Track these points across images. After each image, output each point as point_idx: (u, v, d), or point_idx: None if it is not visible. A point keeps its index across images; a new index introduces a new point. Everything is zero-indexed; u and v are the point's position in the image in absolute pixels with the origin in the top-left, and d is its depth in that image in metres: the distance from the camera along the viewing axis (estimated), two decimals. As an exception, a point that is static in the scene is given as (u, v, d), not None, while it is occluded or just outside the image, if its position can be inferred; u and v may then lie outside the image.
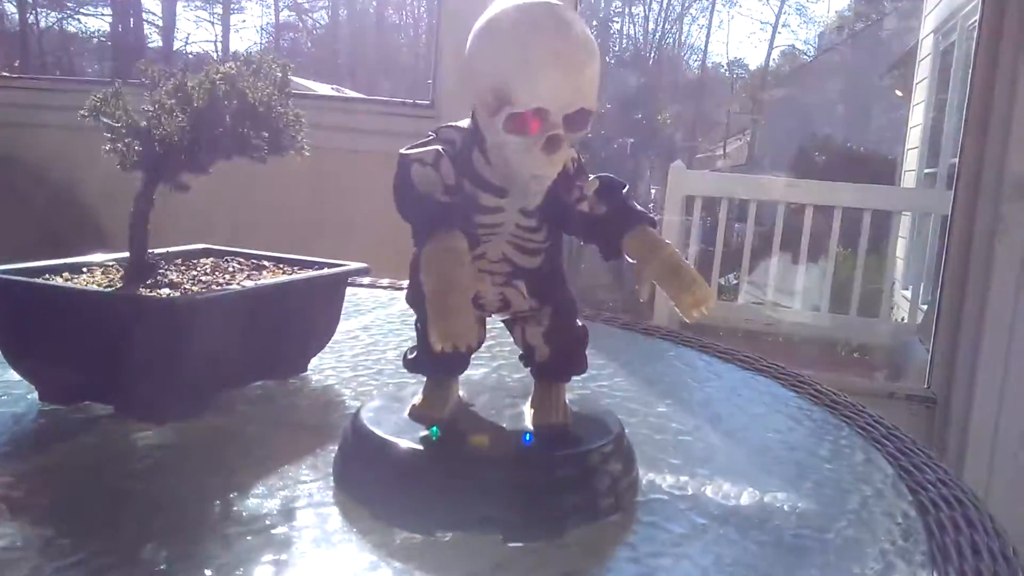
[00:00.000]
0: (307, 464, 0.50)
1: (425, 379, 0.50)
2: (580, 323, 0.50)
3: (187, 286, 0.57)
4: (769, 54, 11.63)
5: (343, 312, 0.70)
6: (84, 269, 0.61)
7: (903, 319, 4.55)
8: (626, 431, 0.48)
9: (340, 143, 1.73)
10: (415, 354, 0.50)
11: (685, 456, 0.56)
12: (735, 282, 4.70)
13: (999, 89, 1.61)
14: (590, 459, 0.44)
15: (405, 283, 1.10)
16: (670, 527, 0.45)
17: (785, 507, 0.48)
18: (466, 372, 0.51)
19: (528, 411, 0.49)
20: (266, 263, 0.67)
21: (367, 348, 0.78)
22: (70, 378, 0.56)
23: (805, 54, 11.66)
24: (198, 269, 0.62)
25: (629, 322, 0.96)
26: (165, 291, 0.56)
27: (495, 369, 0.71)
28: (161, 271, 0.59)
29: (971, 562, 0.42)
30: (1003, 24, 1.60)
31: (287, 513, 0.43)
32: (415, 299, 0.49)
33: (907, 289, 4.84)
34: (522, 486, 0.42)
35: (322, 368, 0.70)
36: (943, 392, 1.77)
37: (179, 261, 0.64)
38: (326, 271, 0.66)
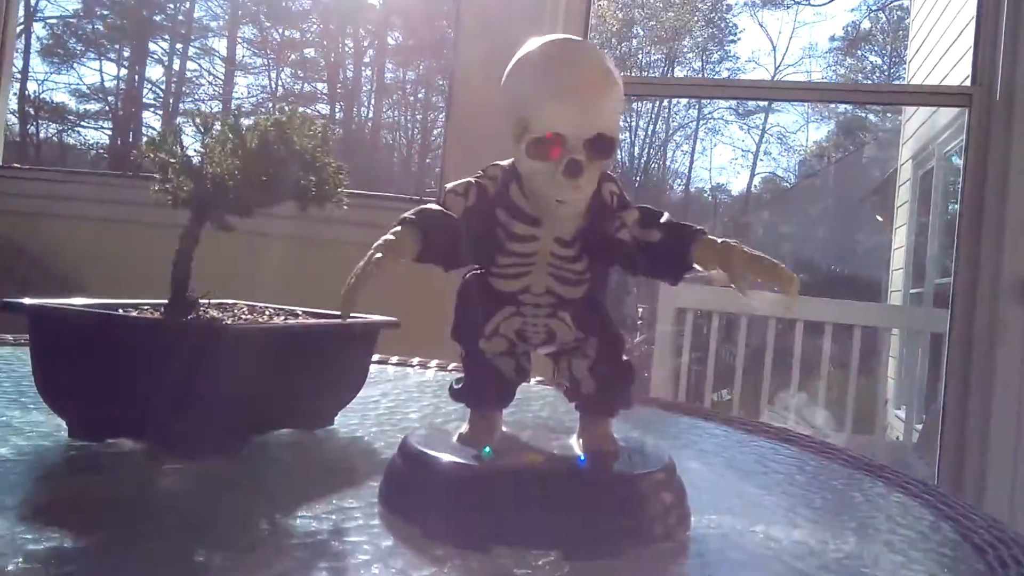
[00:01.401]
0: (351, 495, 0.49)
1: (470, 413, 0.50)
2: (625, 359, 0.50)
3: (228, 322, 0.57)
4: (751, 180, 12.02)
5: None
6: (120, 310, 0.61)
7: (898, 438, 4.53)
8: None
9: (350, 236, 1.76)
10: (461, 385, 0.50)
11: (727, 503, 0.55)
12: (728, 398, 4.68)
13: (989, 195, 1.67)
14: (644, 483, 0.44)
15: (415, 360, 1.10)
16: (721, 557, 0.44)
17: (831, 547, 0.47)
18: (508, 412, 0.50)
19: (575, 442, 0.48)
20: (299, 312, 0.67)
21: (389, 410, 0.77)
22: (103, 411, 0.55)
23: (786, 181, 12.06)
24: (236, 311, 0.63)
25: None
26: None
27: (538, 409, 0.70)
28: (202, 309, 0.59)
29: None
30: (990, 132, 1.67)
31: (338, 532, 0.42)
32: (459, 333, 0.49)
33: (900, 409, 4.84)
34: (579, 504, 0.41)
35: (347, 423, 0.69)
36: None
37: (216, 303, 0.64)
38: (360, 319, 0.66)
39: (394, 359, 1.10)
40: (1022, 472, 1.67)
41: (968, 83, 1.77)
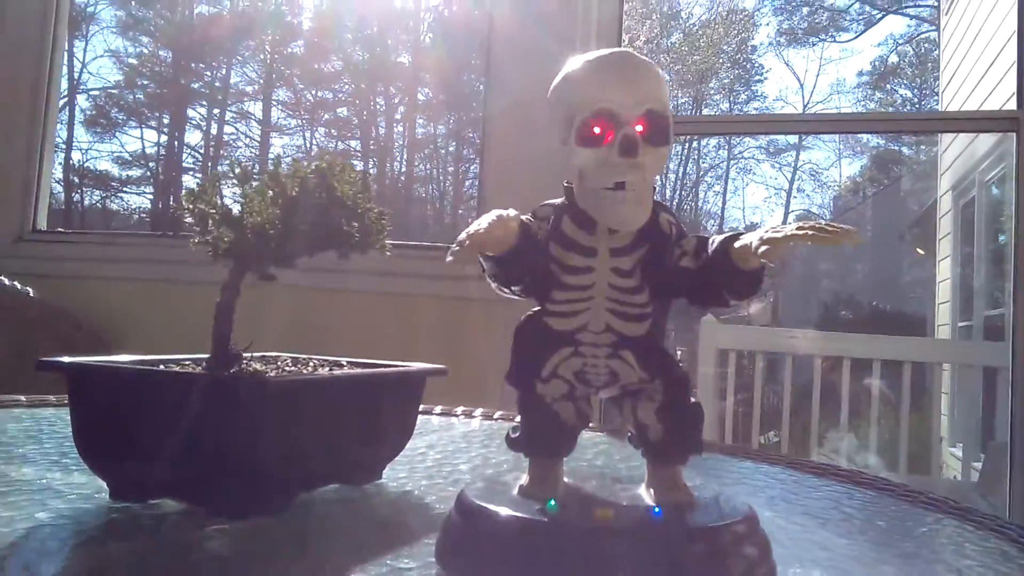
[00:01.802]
0: (404, 554, 0.45)
1: (528, 463, 0.47)
2: (694, 400, 0.47)
3: (271, 375, 0.55)
4: (785, 218, 11.92)
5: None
6: (161, 365, 0.59)
7: (955, 476, 4.36)
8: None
9: (390, 287, 1.75)
10: (518, 433, 0.47)
11: (810, 555, 0.50)
12: (776, 439, 4.56)
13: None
14: (725, 536, 0.40)
15: (459, 409, 1.07)
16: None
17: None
18: (570, 462, 0.47)
19: (645, 493, 0.45)
20: (344, 363, 0.65)
21: (437, 463, 0.74)
22: (144, 471, 0.53)
23: (821, 217, 11.93)
24: (279, 364, 0.60)
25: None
26: (250, 379, 0.53)
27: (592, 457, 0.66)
28: (244, 362, 0.57)
29: None
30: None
31: (394, 597, 0.39)
32: (515, 377, 0.47)
33: (955, 447, 4.67)
34: (655, 561, 0.38)
35: (396, 477, 0.66)
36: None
37: (260, 356, 0.62)
38: (406, 367, 0.64)
39: (437, 409, 1.07)
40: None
41: (1013, 106, 1.72)
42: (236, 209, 0.56)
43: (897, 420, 3.86)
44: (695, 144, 11.40)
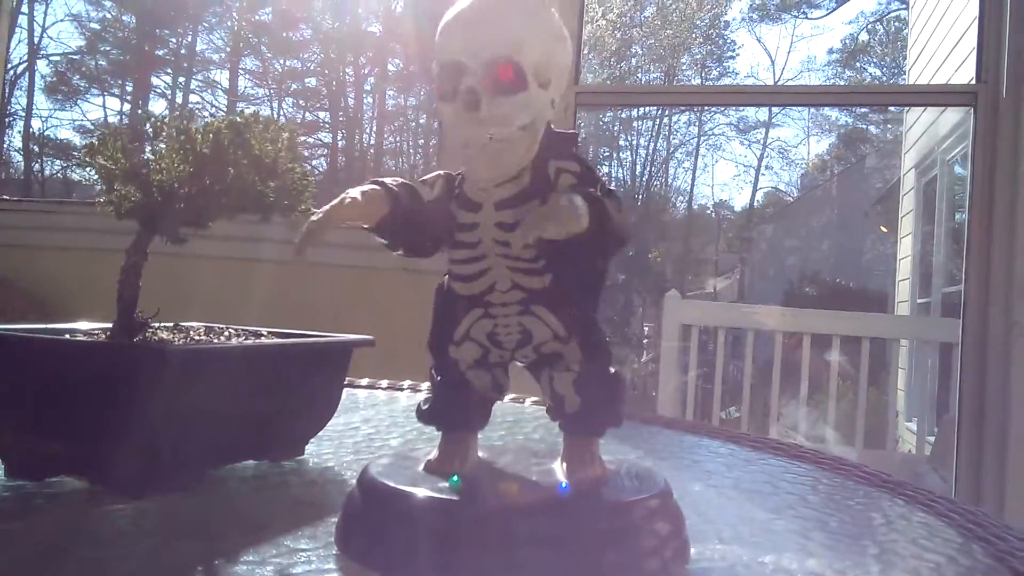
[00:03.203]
0: (306, 535, 0.43)
1: (440, 436, 0.45)
2: (614, 371, 0.45)
3: (174, 343, 0.52)
4: (754, 195, 11.99)
5: (340, 407, 0.64)
6: (66, 334, 0.56)
7: (910, 451, 4.44)
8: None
9: (343, 259, 1.71)
10: (429, 405, 0.45)
11: (733, 529, 0.49)
12: (736, 415, 4.60)
13: (999, 195, 1.61)
14: (634, 512, 0.38)
15: (406, 383, 1.05)
16: (731, 595, 0.38)
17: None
18: (487, 438, 0.45)
19: (559, 467, 0.43)
20: (263, 333, 0.62)
21: (368, 438, 0.72)
22: (42, 447, 0.50)
23: (788, 195, 12.03)
24: (190, 333, 0.57)
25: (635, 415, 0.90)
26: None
27: (531, 431, 0.65)
28: (151, 330, 0.54)
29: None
30: (997, 129, 1.62)
31: (282, 578, 0.37)
32: (432, 342, 0.44)
33: (911, 421, 4.75)
34: (559, 539, 0.36)
35: (320, 453, 0.63)
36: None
37: (171, 325, 0.59)
38: (328, 337, 0.61)
39: (384, 383, 1.04)
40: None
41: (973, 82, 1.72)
42: (143, 168, 0.53)
43: (855, 395, 3.91)
44: (666, 120, 11.40)
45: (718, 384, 4.02)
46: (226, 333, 0.59)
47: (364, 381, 1.01)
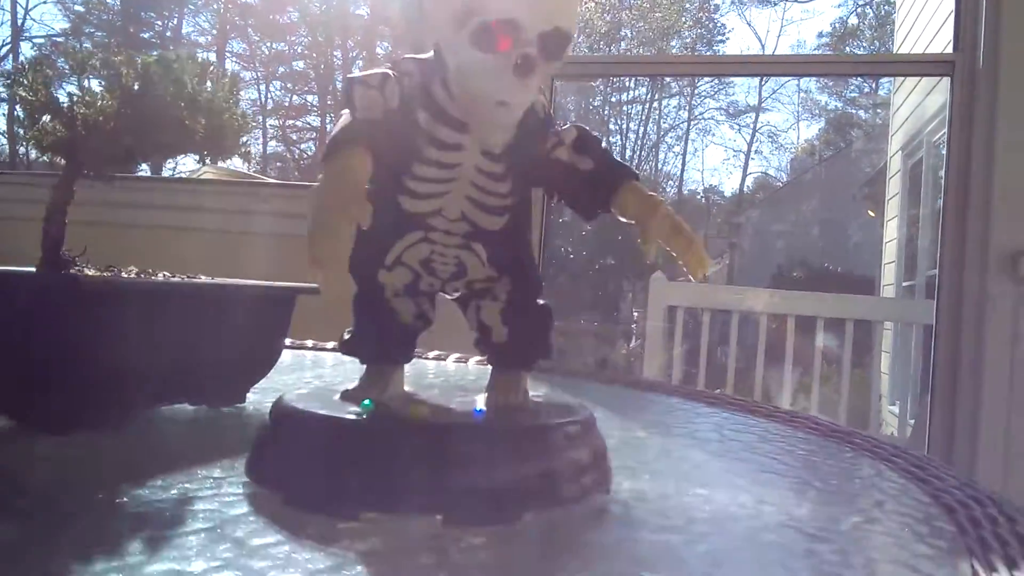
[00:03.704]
0: (223, 466, 0.42)
1: (364, 369, 0.43)
2: (542, 303, 0.44)
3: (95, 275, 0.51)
4: (743, 180, 11.99)
5: (290, 366, 0.63)
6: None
7: (893, 433, 4.45)
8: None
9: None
10: (351, 336, 0.44)
11: (669, 467, 0.48)
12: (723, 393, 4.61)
13: (975, 166, 1.60)
14: (551, 436, 0.37)
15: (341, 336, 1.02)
16: (646, 522, 0.37)
17: (788, 512, 0.41)
18: (423, 381, 0.44)
19: (482, 398, 0.42)
20: (201, 279, 0.61)
21: (316, 390, 0.70)
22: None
23: (778, 180, 12.03)
24: (121, 273, 0.56)
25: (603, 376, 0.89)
26: (76, 285, 0.49)
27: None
28: (76, 268, 0.52)
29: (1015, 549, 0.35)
30: (974, 99, 1.61)
31: (184, 501, 0.36)
32: (356, 264, 0.43)
33: (894, 404, 4.77)
34: (466, 460, 0.35)
35: (262, 402, 0.62)
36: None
37: (100, 268, 0.58)
38: (268, 283, 0.60)
39: (330, 344, 1.02)
40: (1014, 456, 1.61)
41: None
42: (66, 101, 0.51)
43: (840, 378, 3.92)
44: (655, 105, 11.37)
45: (703, 366, 4.02)
46: (160, 276, 0.58)
47: (309, 343, 0.99)
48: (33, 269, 0.53)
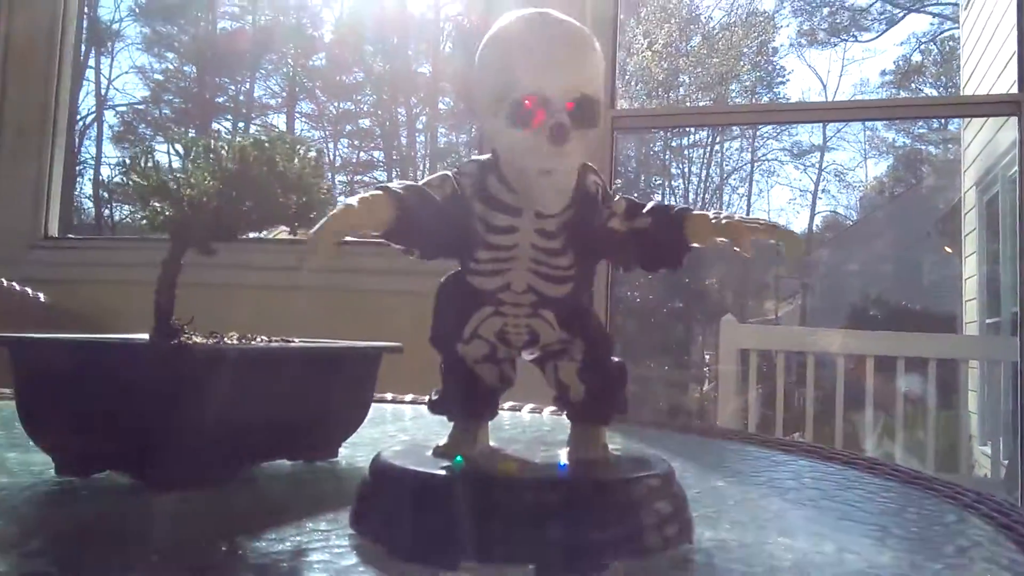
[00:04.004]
0: (327, 519, 0.45)
1: (452, 426, 0.46)
2: (617, 360, 0.46)
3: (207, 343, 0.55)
4: (812, 219, 11.78)
5: (375, 419, 0.67)
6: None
7: (986, 475, 4.27)
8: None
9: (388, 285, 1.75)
10: (438, 396, 0.47)
11: (750, 516, 0.49)
12: (801, 440, 4.50)
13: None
14: (633, 489, 0.39)
15: (425, 397, 1.05)
16: (730, 571, 0.39)
17: (871, 560, 0.42)
18: (503, 433, 0.47)
19: (563, 453, 0.44)
20: (294, 342, 0.65)
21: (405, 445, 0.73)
22: (88, 444, 0.53)
23: (847, 218, 11.79)
24: (224, 339, 0.60)
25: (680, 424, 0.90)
26: (187, 351, 0.54)
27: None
28: (186, 335, 0.57)
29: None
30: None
31: (298, 553, 0.39)
32: (437, 338, 0.46)
33: (985, 445, 4.57)
34: (555, 512, 0.37)
35: (354, 456, 0.65)
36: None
37: (204, 334, 0.62)
38: (358, 343, 0.64)
39: (408, 397, 1.06)
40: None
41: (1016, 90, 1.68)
42: (173, 184, 0.56)
43: (925, 418, 3.79)
44: (717, 147, 11.32)
45: (779, 409, 3.93)
46: (258, 340, 0.62)
47: (388, 395, 1.02)
48: (146, 337, 0.58)
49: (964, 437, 4.15)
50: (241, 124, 12.05)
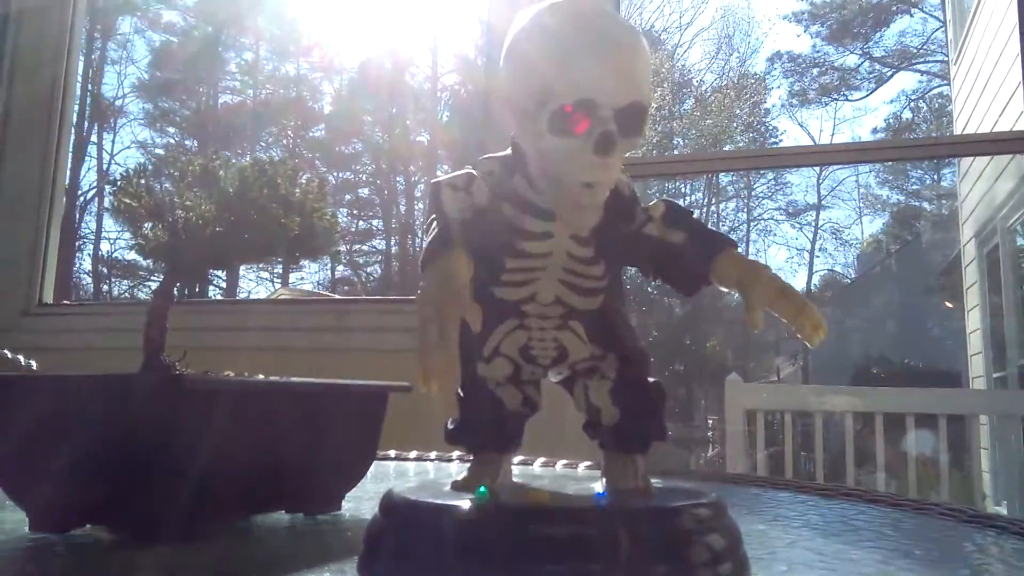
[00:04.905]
0: (331, 569, 0.40)
1: (472, 459, 0.41)
2: (654, 380, 0.42)
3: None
4: (810, 278, 11.80)
5: (376, 475, 0.61)
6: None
7: (1002, 535, 4.14)
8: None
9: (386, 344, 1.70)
10: (456, 425, 0.42)
11: (801, 557, 0.44)
12: (840, 484, 4.37)
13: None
14: (683, 519, 0.34)
15: (432, 455, 0.99)
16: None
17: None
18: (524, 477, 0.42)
19: (598, 484, 0.39)
20: (294, 381, 0.60)
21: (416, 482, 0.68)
22: (63, 495, 0.48)
23: (845, 276, 11.81)
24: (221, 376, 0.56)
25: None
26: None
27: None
28: (177, 371, 0.52)
29: None
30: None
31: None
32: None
33: (1000, 505, 4.45)
34: (596, 546, 0.32)
35: (359, 508, 0.60)
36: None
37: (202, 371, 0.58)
38: (364, 381, 0.59)
39: (433, 455, 1.00)
40: None
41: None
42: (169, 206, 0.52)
43: (938, 479, 3.68)
44: (713, 208, 11.41)
45: (788, 472, 3.83)
46: (257, 377, 0.57)
47: (392, 452, 0.96)
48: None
49: (978, 498, 4.05)
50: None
